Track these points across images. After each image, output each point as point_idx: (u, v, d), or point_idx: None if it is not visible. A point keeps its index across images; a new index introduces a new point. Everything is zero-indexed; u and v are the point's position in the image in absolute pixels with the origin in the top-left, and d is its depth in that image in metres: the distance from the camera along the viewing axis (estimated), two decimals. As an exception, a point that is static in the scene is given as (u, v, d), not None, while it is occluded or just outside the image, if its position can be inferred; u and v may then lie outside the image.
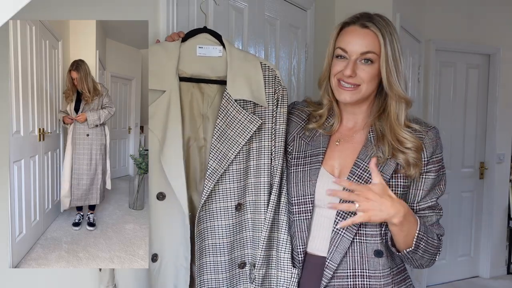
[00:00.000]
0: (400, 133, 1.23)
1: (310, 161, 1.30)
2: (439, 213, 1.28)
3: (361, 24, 1.23)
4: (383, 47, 1.21)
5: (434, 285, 3.96)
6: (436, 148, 1.25)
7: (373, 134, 1.27)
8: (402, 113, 1.24)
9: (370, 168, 1.16)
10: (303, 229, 1.28)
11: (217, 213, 1.32)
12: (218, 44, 1.35)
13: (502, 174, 4.25)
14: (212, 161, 1.27)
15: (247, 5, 1.97)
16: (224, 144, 1.27)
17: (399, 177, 1.23)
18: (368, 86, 1.24)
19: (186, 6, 1.60)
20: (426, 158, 1.23)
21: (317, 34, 2.63)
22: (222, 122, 1.28)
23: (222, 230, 1.32)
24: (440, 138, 1.28)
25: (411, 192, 1.26)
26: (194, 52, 1.34)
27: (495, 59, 4.12)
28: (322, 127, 1.33)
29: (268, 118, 1.32)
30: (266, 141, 1.32)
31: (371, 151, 1.24)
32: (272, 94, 1.32)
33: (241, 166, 1.31)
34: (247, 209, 1.36)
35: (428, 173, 1.24)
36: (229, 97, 1.29)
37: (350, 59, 1.22)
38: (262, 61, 1.34)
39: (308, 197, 1.27)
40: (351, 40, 1.23)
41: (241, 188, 1.33)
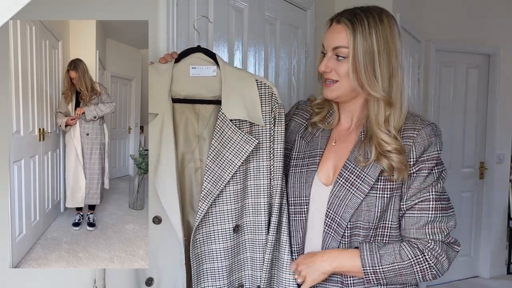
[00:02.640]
0: (379, 135, 1.18)
1: (308, 163, 1.30)
2: (431, 215, 1.17)
3: (337, 20, 1.22)
4: (351, 42, 1.16)
5: (434, 285, 3.96)
6: (429, 146, 1.19)
7: (364, 134, 1.25)
8: (381, 114, 1.19)
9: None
10: (299, 229, 1.30)
11: (214, 236, 1.28)
12: (212, 63, 1.32)
13: (502, 174, 4.26)
14: (206, 183, 1.23)
15: (247, 5, 1.97)
16: (219, 165, 1.24)
17: (386, 180, 1.19)
18: (345, 82, 1.21)
19: (186, 6, 1.60)
20: (415, 157, 1.19)
21: (317, 34, 2.63)
22: (217, 143, 1.25)
23: (219, 253, 1.29)
24: (439, 135, 1.22)
25: (403, 191, 1.21)
26: (188, 72, 1.31)
27: (495, 59, 4.12)
28: (323, 121, 1.33)
29: (265, 137, 1.29)
30: (264, 160, 1.29)
31: (358, 152, 1.23)
32: (269, 112, 1.29)
33: (238, 187, 1.28)
34: (245, 230, 1.33)
35: (419, 171, 1.19)
36: (224, 117, 1.26)
37: (327, 55, 1.23)
38: (258, 79, 1.31)
39: (303, 198, 1.29)
40: (327, 36, 1.23)
41: (239, 209, 1.29)
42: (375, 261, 1.17)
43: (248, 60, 2.01)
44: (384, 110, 1.19)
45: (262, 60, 2.12)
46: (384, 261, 1.17)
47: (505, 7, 4.10)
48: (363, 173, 1.20)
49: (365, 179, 1.20)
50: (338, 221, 1.22)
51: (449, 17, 3.85)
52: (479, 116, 4.16)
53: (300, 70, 2.51)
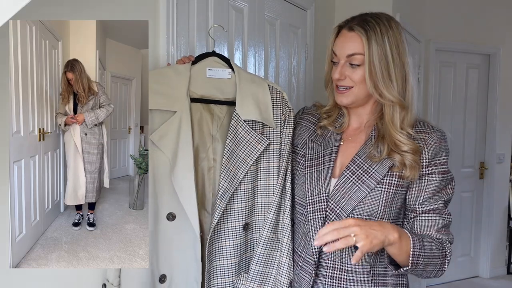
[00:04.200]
0: (395, 137, 1.22)
1: (324, 161, 1.30)
2: (446, 218, 1.24)
3: (349, 28, 1.24)
4: (367, 49, 1.20)
5: (434, 285, 3.96)
6: (440, 150, 1.24)
7: (375, 133, 1.28)
8: (397, 117, 1.23)
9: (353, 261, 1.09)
10: (318, 227, 1.26)
11: (226, 233, 1.33)
12: (226, 67, 1.38)
13: (502, 174, 4.26)
14: (223, 181, 1.28)
15: (247, 5, 1.97)
16: (234, 164, 1.30)
17: (394, 176, 1.23)
18: (360, 88, 1.24)
19: (186, 6, 1.60)
20: (428, 159, 1.23)
21: (317, 34, 2.63)
22: (232, 142, 1.31)
23: (230, 250, 1.34)
24: (446, 141, 1.27)
25: (413, 193, 1.24)
26: (204, 74, 1.37)
27: (495, 59, 4.12)
28: (333, 125, 1.34)
29: (275, 138, 1.34)
30: (274, 161, 1.34)
31: (369, 149, 1.26)
32: (280, 115, 1.35)
33: (249, 186, 1.33)
34: (253, 228, 1.38)
35: (432, 175, 1.23)
36: (238, 118, 1.31)
37: (340, 62, 1.25)
38: (270, 84, 1.38)
39: (322, 195, 1.27)
40: (339, 44, 1.25)
41: (249, 208, 1.34)
42: (421, 245, 1.16)
43: (248, 60, 2.01)
44: (399, 113, 1.23)
45: (262, 60, 2.12)
46: (426, 247, 1.18)
47: (505, 7, 4.10)
48: (371, 169, 1.23)
49: (372, 174, 1.23)
50: (338, 212, 1.23)
51: (449, 17, 3.85)
52: (479, 116, 4.16)
53: (300, 70, 2.51)
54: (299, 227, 1.34)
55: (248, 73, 1.41)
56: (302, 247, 1.32)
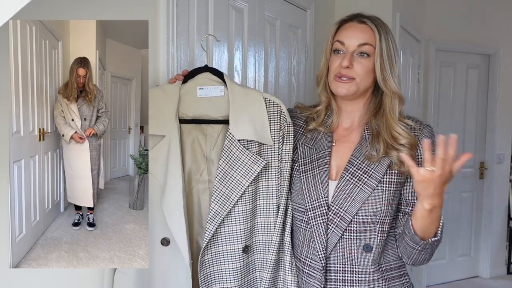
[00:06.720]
0: (395, 128, 1.25)
1: (318, 164, 1.29)
2: None
3: (359, 20, 1.29)
4: (378, 41, 1.25)
5: (434, 285, 3.96)
6: (433, 146, 1.23)
7: (368, 132, 1.29)
8: (396, 109, 1.28)
9: (403, 160, 1.11)
10: (321, 233, 1.26)
11: (223, 256, 1.28)
12: (219, 83, 1.33)
13: (502, 174, 4.25)
14: (213, 203, 1.24)
15: (247, 5, 1.97)
16: (227, 186, 1.24)
17: (393, 174, 1.24)
18: (363, 80, 1.27)
19: (186, 6, 1.60)
20: (421, 155, 1.23)
21: (317, 34, 2.63)
22: (225, 164, 1.25)
23: (229, 273, 1.28)
24: (435, 136, 1.27)
25: (409, 188, 1.27)
26: (195, 93, 1.32)
27: (495, 59, 4.11)
28: (322, 125, 1.34)
29: (274, 156, 1.29)
30: (273, 180, 1.30)
31: (365, 149, 1.26)
32: (278, 131, 1.29)
33: (247, 207, 1.27)
34: (255, 250, 1.32)
35: None
36: (231, 138, 1.26)
37: (348, 51, 1.27)
38: (267, 97, 1.31)
39: (322, 200, 1.26)
40: (349, 34, 1.28)
41: (248, 229, 1.29)
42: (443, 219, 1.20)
43: (248, 60, 2.01)
44: (397, 104, 1.28)
45: (262, 60, 2.12)
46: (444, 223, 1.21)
47: (505, 8, 4.10)
48: (370, 169, 1.24)
49: (372, 174, 1.24)
50: (342, 215, 1.23)
51: (449, 17, 3.85)
52: (479, 116, 4.15)
53: (300, 70, 2.51)
54: (299, 234, 1.32)
55: (242, 86, 1.35)
56: (306, 254, 1.30)
